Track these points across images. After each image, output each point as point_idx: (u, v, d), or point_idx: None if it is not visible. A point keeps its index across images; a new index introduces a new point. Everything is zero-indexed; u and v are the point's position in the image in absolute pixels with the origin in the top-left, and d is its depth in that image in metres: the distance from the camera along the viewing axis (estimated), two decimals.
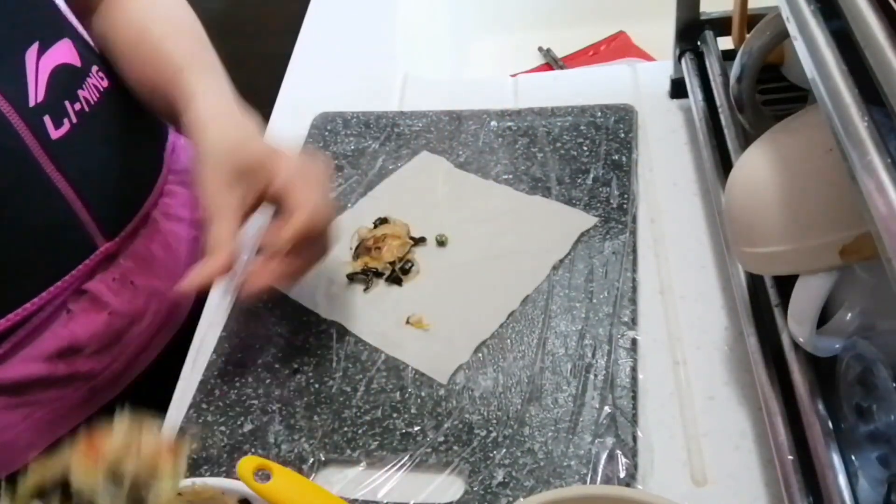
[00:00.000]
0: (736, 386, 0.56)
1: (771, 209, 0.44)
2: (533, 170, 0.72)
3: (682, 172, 0.71)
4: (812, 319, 0.44)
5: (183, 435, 0.58)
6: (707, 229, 0.66)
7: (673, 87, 0.78)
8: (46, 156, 0.59)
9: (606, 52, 1.06)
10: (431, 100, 0.83)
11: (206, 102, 0.60)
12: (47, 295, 0.60)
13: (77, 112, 0.62)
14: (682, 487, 0.51)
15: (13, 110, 0.56)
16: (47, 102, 0.59)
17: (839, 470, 0.43)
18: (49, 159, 0.59)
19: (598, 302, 0.61)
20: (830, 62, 0.35)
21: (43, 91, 0.59)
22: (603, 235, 0.66)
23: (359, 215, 0.71)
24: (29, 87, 0.58)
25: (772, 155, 0.46)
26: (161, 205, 0.72)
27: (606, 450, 0.52)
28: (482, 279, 0.64)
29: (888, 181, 0.29)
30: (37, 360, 0.61)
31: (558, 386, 0.56)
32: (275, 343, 0.63)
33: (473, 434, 0.54)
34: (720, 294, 0.61)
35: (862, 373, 0.43)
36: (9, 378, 0.60)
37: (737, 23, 0.66)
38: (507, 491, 0.51)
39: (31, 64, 0.58)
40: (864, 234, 0.39)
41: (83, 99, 0.63)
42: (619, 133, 0.74)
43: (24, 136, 0.57)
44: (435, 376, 0.58)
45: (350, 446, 0.55)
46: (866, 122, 0.31)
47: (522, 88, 0.84)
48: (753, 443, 0.52)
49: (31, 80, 0.58)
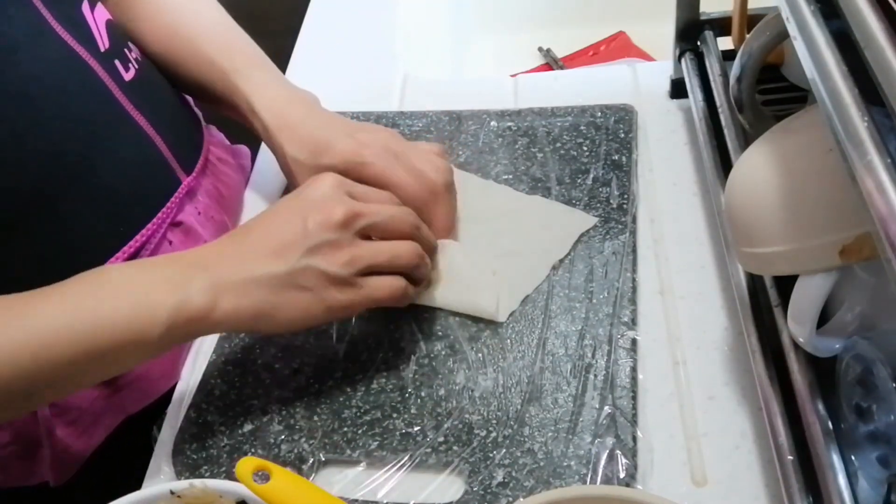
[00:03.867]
0: (736, 386, 0.56)
1: (771, 209, 0.44)
2: (533, 170, 0.72)
3: (682, 172, 0.71)
4: (812, 319, 0.44)
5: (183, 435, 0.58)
6: (707, 229, 0.66)
7: (673, 88, 0.78)
8: (125, 97, 0.63)
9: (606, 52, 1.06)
10: (431, 100, 0.83)
11: (261, 103, 0.66)
12: (152, 226, 0.64)
13: (134, 58, 0.66)
14: (682, 487, 0.51)
15: (90, 55, 0.60)
16: (112, 48, 0.63)
17: (839, 470, 0.43)
18: (128, 100, 0.63)
19: (598, 302, 0.61)
20: (830, 62, 0.35)
21: (106, 38, 0.63)
22: (603, 235, 0.66)
23: None
24: (95, 35, 0.61)
25: (772, 155, 0.46)
26: (211, 146, 0.75)
27: (606, 450, 0.52)
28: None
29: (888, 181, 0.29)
30: None
31: (558, 386, 0.56)
32: (275, 343, 0.63)
33: (473, 434, 0.54)
34: (720, 294, 0.61)
35: (862, 373, 0.43)
36: None
37: (737, 23, 0.66)
38: (507, 491, 0.51)
39: (89, 15, 0.62)
40: (864, 234, 0.39)
41: (133, 48, 0.67)
42: (619, 133, 0.74)
43: (104, 78, 0.61)
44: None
45: (350, 446, 0.55)
46: (866, 122, 0.31)
47: (522, 88, 0.84)
48: (753, 443, 0.52)
49: (94, 28, 0.62)
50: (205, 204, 0.70)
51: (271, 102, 0.67)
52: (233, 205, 0.76)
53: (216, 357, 0.63)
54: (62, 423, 0.62)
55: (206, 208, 0.70)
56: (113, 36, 0.64)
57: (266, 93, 0.67)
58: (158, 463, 0.58)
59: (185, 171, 0.68)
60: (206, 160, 0.73)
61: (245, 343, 0.63)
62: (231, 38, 0.72)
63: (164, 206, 0.65)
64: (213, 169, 0.74)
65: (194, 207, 0.69)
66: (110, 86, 0.61)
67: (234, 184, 0.77)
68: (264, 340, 0.63)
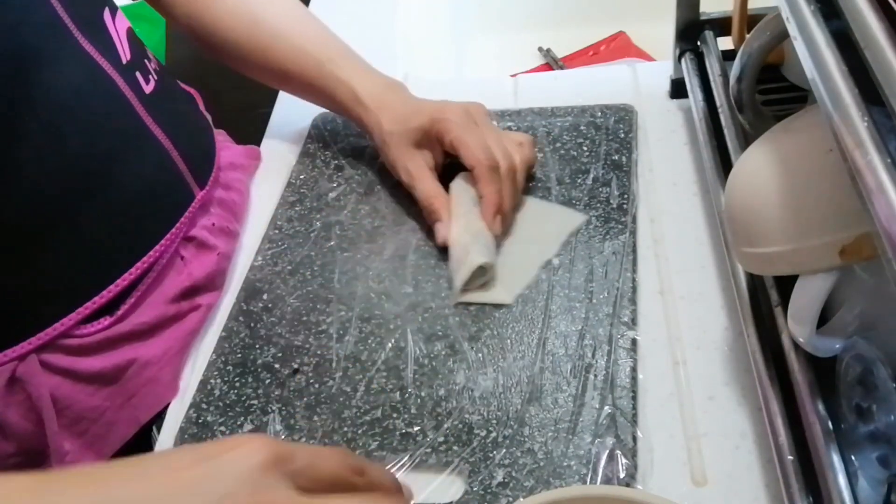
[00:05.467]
0: (736, 386, 0.56)
1: (771, 209, 0.44)
2: (533, 170, 0.72)
3: (682, 172, 0.71)
4: (812, 319, 0.44)
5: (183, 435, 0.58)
6: (707, 229, 0.66)
7: (673, 88, 0.78)
8: (145, 110, 0.63)
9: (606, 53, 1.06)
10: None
11: (365, 91, 0.71)
12: (166, 241, 0.64)
13: (153, 69, 0.66)
14: (682, 487, 0.51)
15: (112, 68, 0.60)
16: (133, 60, 0.63)
17: (839, 470, 0.43)
18: (147, 113, 0.63)
19: (597, 302, 0.61)
20: (830, 62, 0.35)
21: (128, 49, 0.63)
22: (603, 235, 0.66)
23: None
24: (117, 46, 0.62)
25: (772, 155, 0.46)
26: (221, 152, 0.76)
27: (606, 450, 0.52)
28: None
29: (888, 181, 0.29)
30: (164, 303, 0.64)
31: (558, 386, 0.56)
32: (275, 343, 0.63)
33: (473, 434, 0.54)
34: (720, 294, 0.61)
35: (862, 373, 0.43)
36: (142, 322, 0.62)
37: (737, 23, 0.66)
38: (507, 491, 0.51)
39: (110, 24, 0.62)
40: (864, 234, 0.39)
41: (152, 58, 0.67)
42: (619, 133, 0.74)
43: (125, 91, 0.61)
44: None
45: (350, 446, 0.55)
46: (866, 122, 0.31)
47: (522, 88, 0.84)
48: (753, 443, 0.52)
49: (116, 38, 0.62)
50: (217, 215, 0.71)
51: (372, 89, 0.72)
52: (243, 211, 0.76)
53: (216, 357, 0.63)
54: (70, 436, 0.61)
55: (218, 219, 0.71)
56: (133, 46, 0.64)
57: (365, 81, 0.72)
58: None
59: (199, 185, 0.69)
60: (219, 169, 0.73)
61: (245, 343, 0.63)
62: (316, 28, 0.76)
63: (178, 222, 0.65)
64: (224, 177, 0.75)
65: (207, 220, 0.69)
66: (131, 99, 0.62)
67: (243, 188, 0.77)
68: (264, 340, 0.63)
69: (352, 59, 0.74)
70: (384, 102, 0.71)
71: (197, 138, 0.72)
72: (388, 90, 0.72)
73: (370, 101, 0.71)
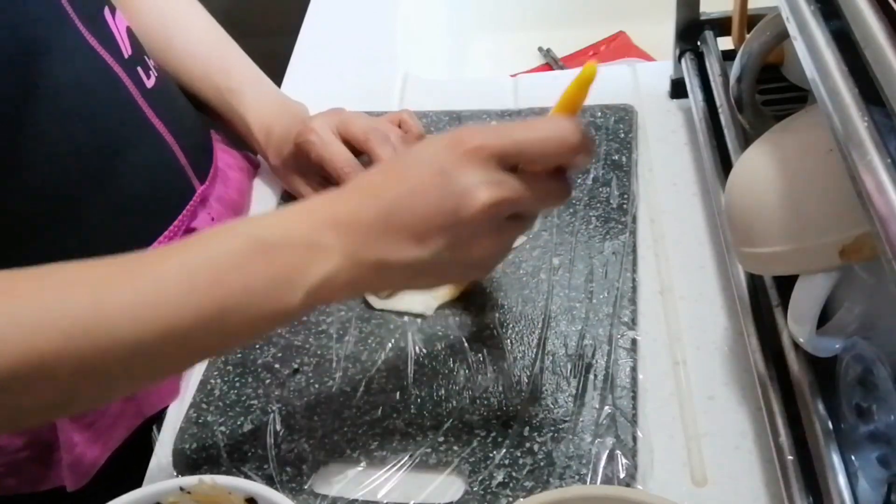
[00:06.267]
0: (736, 386, 0.56)
1: (771, 209, 0.44)
2: None
3: (682, 172, 0.71)
4: (812, 319, 0.44)
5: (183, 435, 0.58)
6: (707, 229, 0.66)
7: (673, 88, 0.78)
8: (146, 103, 0.63)
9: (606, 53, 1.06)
10: (431, 100, 0.83)
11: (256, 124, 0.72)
12: (168, 234, 0.64)
13: (153, 66, 0.67)
14: (682, 487, 0.51)
15: (115, 62, 0.61)
16: (134, 55, 0.64)
17: (839, 470, 0.43)
18: (149, 107, 0.64)
19: (597, 302, 0.61)
20: (830, 62, 0.35)
21: (129, 45, 0.63)
22: (603, 235, 0.66)
23: None
24: (118, 41, 0.62)
25: (772, 155, 0.46)
26: (219, 151, 0.76)
27: (606, 450, 0.52)
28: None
29: (888, 181, 0.29)
30: None
31: (558, 386, 0.56)
32: (275, 343, 0.63)
33: (473, 434, 0.54)
34: (720, 294, 0.61)
35: (862, 373, 0.43)
36: None
37: (737, 23, 0.66)
38: (507, 491, 0.51)
39: (111, 21, 0.63)
40: (864, 234, 0.39)
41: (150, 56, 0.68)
42: (619, 133, 0.74)
43: (128, 85, 0.62)
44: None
45: (350, 446, 0.55)
46: (866, 122, 0.31)
47: (522, 88, 0.84)
48: (753, 443, 0.52)
49: (117, 35, 0.62)
50: (217, 210, 0.71)
51: (262, 121, 0.72)
52: (243, 209, 0.76)
53: (216, 357, 0.63)
54: (78, 429, 0.62)
55: (219, 214, 0.71)
56: (134, 43, 0.65)
57: (258, 113, 0.72)
58: (158, 463, 0.58)
59: (200, 179, 0.69)
60: (216, 167, 0.74)
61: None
62: (223, 52, 0.75)
63: (179, 215, 0.66)
64: (223, 175, 0.75)
65: (207, 214, 0.70)
66: (133, 93, 0.62)
67: (243, 188, 0.77)
68: (264, 340, 0.63)
69: (252, 86, 0.74)
70: (271, 135, 0.72)
71: (196, 134, 0.72)
72: (276, 120, 0.72)
73: (260, 136, 0.72)
